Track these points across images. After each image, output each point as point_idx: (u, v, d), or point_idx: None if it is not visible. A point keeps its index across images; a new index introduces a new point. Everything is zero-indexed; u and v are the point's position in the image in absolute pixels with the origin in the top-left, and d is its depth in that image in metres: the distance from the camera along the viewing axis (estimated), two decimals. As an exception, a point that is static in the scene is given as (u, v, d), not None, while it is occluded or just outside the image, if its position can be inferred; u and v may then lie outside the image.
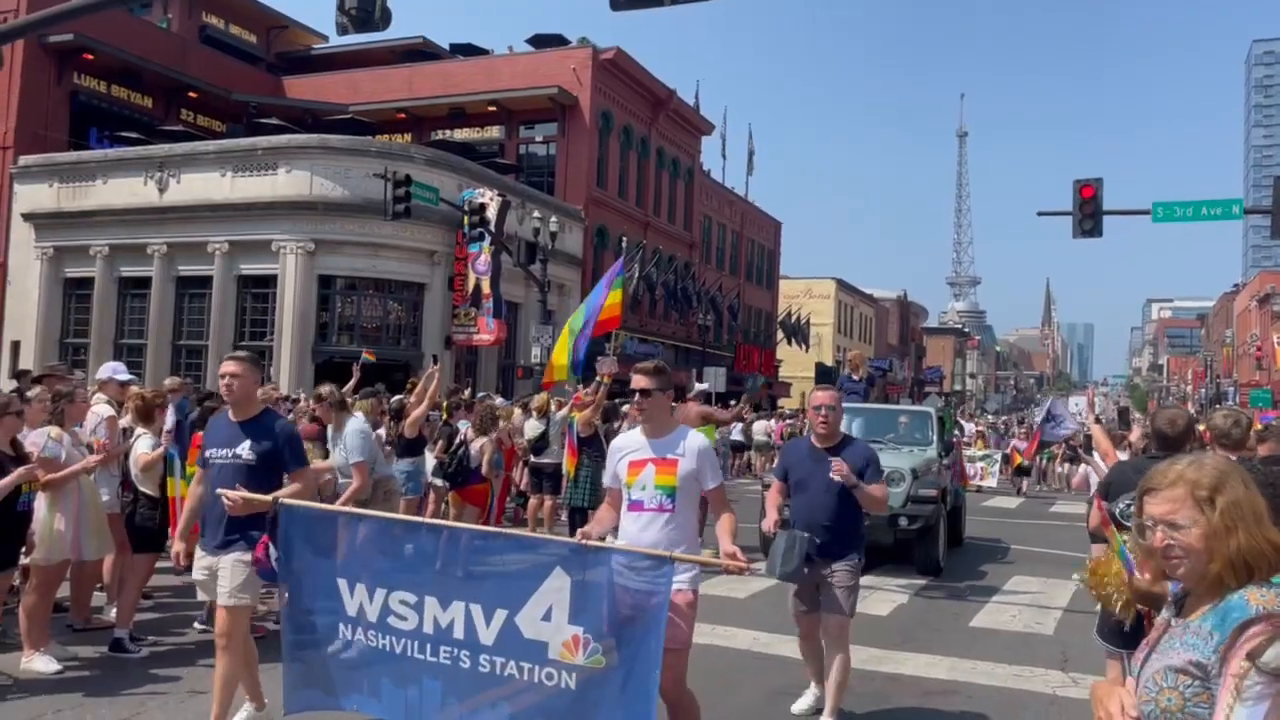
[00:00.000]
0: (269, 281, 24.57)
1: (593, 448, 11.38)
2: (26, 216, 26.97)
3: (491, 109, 32.95)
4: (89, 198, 26.37)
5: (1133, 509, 4.98)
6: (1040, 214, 18.59)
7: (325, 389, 8.05)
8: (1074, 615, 8.70)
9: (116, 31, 28.08)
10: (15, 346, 26.87)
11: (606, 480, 4.54)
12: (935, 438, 11.63)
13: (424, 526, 4.17)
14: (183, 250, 25.23)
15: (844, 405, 12.42)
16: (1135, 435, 9.73)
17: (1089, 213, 17.65)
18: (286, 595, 4.20)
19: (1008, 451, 24.25)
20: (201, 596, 5.36)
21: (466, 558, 3.85)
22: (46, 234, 26.82)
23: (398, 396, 11.87)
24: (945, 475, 11.46)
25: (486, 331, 25.51)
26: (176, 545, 5.18)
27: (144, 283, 25.88)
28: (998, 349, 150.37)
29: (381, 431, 10.06)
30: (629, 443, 4.45)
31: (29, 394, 7.73)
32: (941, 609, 9.16)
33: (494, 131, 33.77)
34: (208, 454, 4.93)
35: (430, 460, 10.45)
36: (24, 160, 27.07)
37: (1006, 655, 7.41)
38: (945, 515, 11.22)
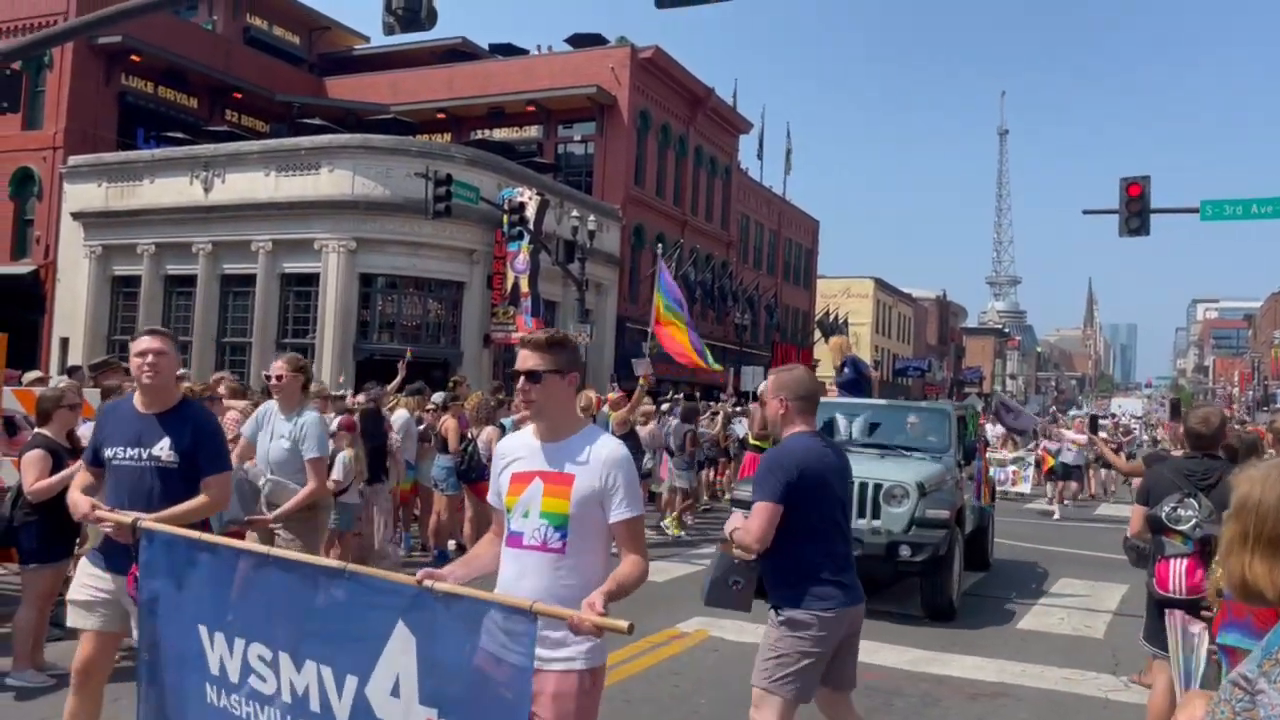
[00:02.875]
0: (311, 280, 24.84)
1: (627, 444, 11.56)
2: (76, 215, 27.47)
3: (530, 109, 33.07)
4: (136, 197, 26.80)
5: (1179, 512, 4.87)
6: (1086, 212, 18.31)
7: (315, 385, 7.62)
8: (1124, 618, 8.55)
9: (163, 33, 28.54)
10: (64, 343, 27.40)
11: (490, 497, 3.31)
12: (953, 443, 9.49)
13: (270, 560, 3.14)
14: (227, 249, 25.57)
15: (839, 401, 10.27)
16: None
17: (1136, 211, 17.35)
18: (142, 644, 3.45)
19: (1039, 455, 22.14)
20: (76, 622, 4.06)
21: (308, 604, 2.97)
22: (95, 232, 27.31)
23: (439, 394, 11.95)
24: (963, 490, 9.40)
25: (524, 330, 25.54)
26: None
27: (189, 281, 26.26)
28: (1038, 350, 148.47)
29: (425, 427, 10.16)
30: (514, 447, 3.21)
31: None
32: (988, 611, 9.06)
33: (533, 131, 33.90)
34: (109, 453, 3.99)
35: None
36: (74, 160, 27.58)
37: (1056, 658, 7.30)
38: (963, 541, 9.15)
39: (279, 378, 5.68)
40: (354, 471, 8.16)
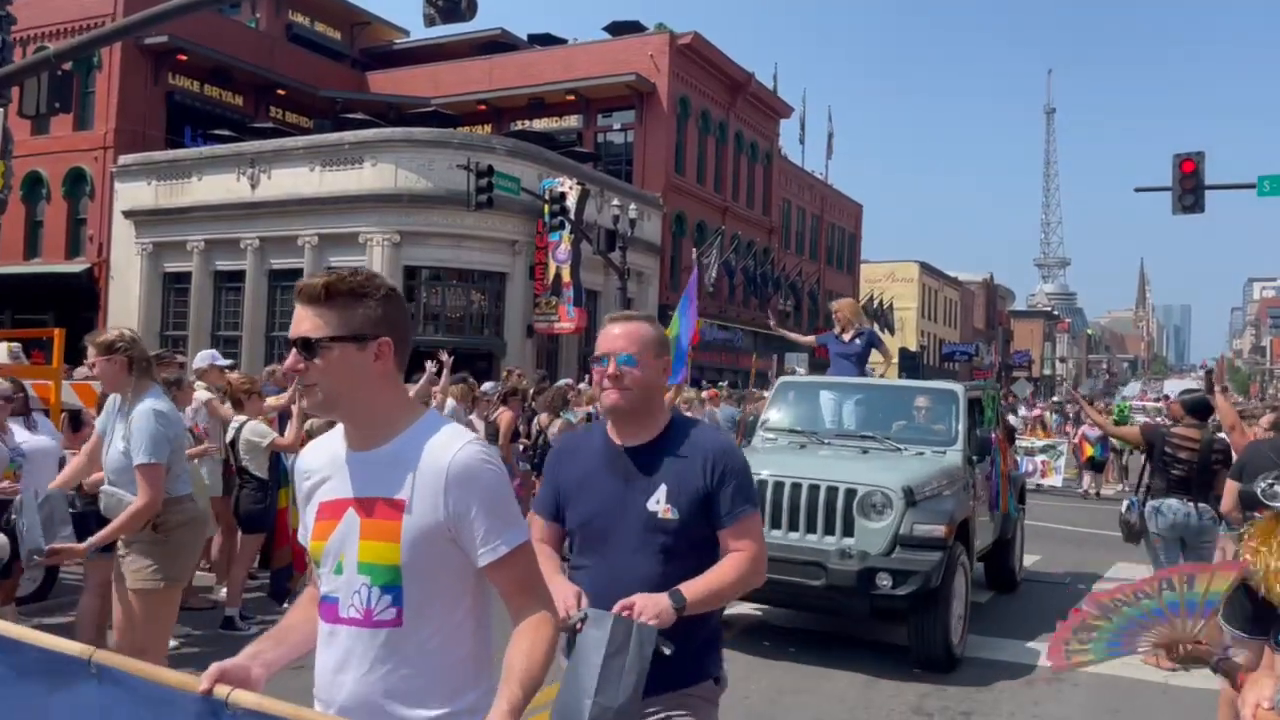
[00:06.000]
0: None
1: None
2: (127, 214, 28.01)
3: (570, 98, 33.09)
4: (185, 194, 27.27)
5: (1276, 488, 4.74)
6: (1138, 190, 18.06)
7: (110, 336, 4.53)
8: (1182, 603, 8.40)
9: (208, 32, 28.95)
10: (119, 339, 27.99)
11: (300, 537, 2.11)
12: (961, 433, 7.44)
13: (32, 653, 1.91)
14: (274, 244, 25.93)
15: (829, 379, 8.37)
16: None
17: (1190, 188, 17.01)
18: None
19: (1076, 441, 19.69)
20: None
21: (42, 708, 1.87)
22: (146, 230, 27.83)
23: (489, 384, 12.06)
24: (975, 495, 7.43)
25: (567, 319, 25.70)
26: None
27: (238, 276, 26.68)
28: (1089, 332, 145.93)
29: (474, 417, 10.25)
30: (316, 460, 2.05)
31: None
32: (1041, 596, 8.94)
33: (572, 120, 33.93)
34: None
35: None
36: (124, 160, 28.10)
37: (1112, 643, 7.19)
38: (970, 563, 7.13)
39: (91, 366, 4.30)
40: None
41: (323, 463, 2.02)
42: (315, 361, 1.90)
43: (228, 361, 9.45)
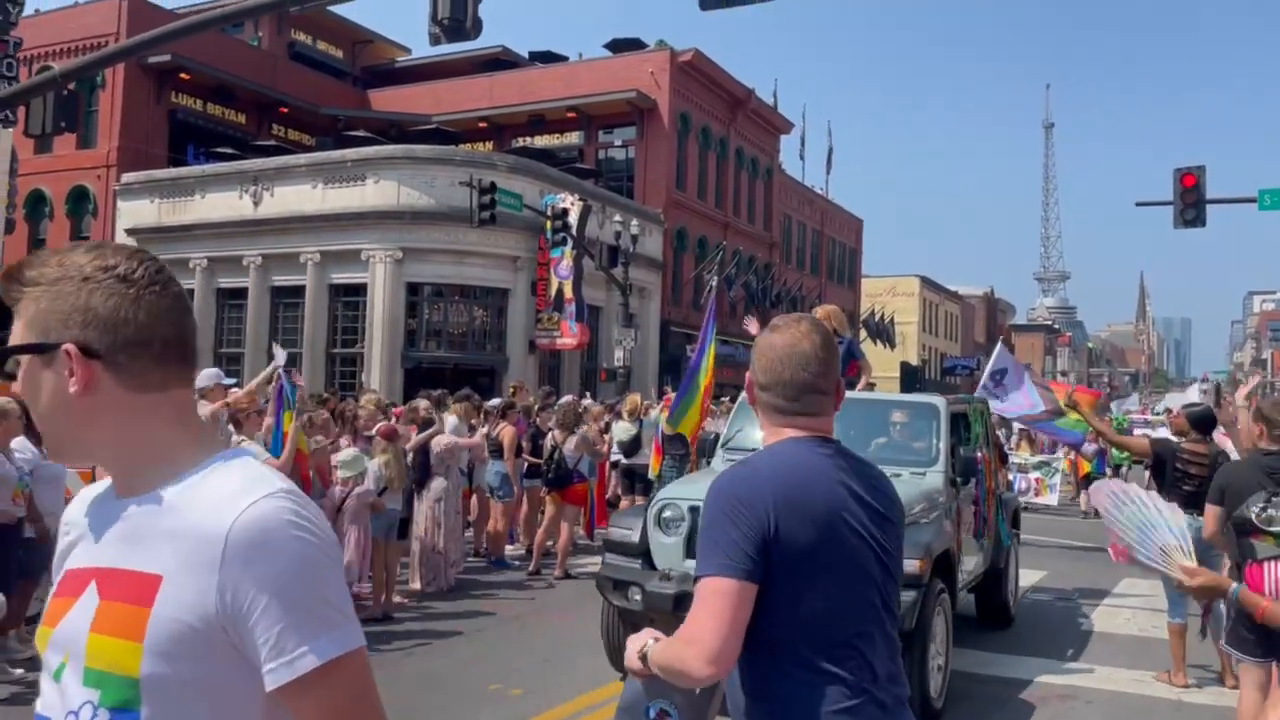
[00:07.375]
0: (359, 290, 25.13)
1: (676, 446, 11.45)
2: (130, 232, 28.04)
3: (571, 115, 33.21)
4: (188, 212, 27.33)
5: (1269, 512, 4.61)
6: (1139, 204, 18.05)
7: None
8: (1192, 619, 8.36)
9: (211, 51, 29.07)
10: (121, 357, 27.99)
11: None
12: (942, 452, 6.72)
13: None
14: (277, 261, 25.96)
15: None
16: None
17: (1191, 202, 17.02)
18: None
19: (1072, 457, 18.32)
20: None
21: None
22: (149, 248, 26.78)
23: (494, 400, 12.04)
24: (958, 522, 6.75)
25: (569, 335, 25.71)
26: None
27: (241, 293, 26.70)
28: (1090, 345, 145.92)
29: (481, 433, 10.23)
30: (81, 508, 1.37)
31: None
32: (1051, 613, 8.91)
33: (574, 137, 34.04)
34: None
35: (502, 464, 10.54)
36: (127, 178, 28.18)
37: (1124, 660, 7.16)
38: (951, 601, 6.28)
39: None
40: (386, 479, 8.14)
41: (83, 514, 1.36)
42: (25, 384, 1.28)
43: (231, 380, 9.47)
